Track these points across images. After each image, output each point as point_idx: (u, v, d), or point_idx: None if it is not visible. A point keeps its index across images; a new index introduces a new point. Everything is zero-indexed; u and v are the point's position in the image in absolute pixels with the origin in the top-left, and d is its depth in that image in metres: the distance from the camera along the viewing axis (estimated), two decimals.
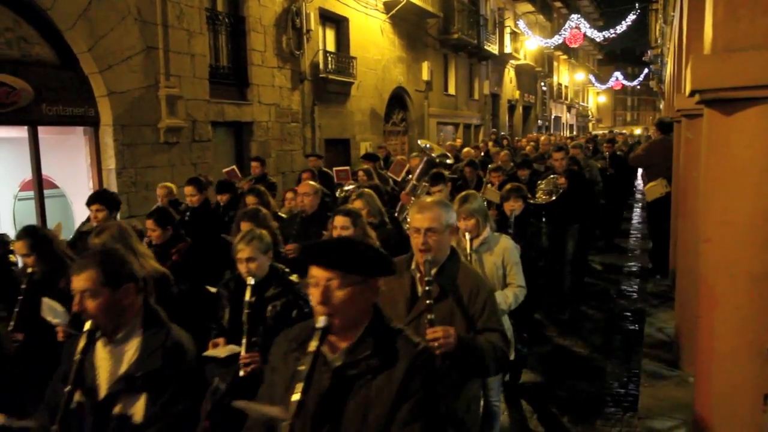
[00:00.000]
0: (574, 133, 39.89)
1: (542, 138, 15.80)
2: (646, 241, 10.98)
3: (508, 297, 3.70)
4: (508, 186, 5.40)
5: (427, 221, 2.57)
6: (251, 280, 3.14)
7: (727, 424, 2.71)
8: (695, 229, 4.00)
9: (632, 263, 9.82)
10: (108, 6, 7.84)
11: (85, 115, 7.85)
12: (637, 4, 27.62)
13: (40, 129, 7.50)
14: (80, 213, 8.07)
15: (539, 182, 6.87)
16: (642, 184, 13.82)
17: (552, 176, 6.77)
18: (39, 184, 7.54)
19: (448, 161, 7.27)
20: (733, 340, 2.66)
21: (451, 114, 21.66)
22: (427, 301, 2.45)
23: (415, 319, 2.50)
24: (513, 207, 5.06)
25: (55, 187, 8.38)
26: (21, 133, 7.41)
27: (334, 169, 8.60)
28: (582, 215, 6.99)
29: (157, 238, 4.54)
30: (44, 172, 7.66)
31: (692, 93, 2.73)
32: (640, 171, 14.57)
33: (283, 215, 5.88)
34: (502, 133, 24.84)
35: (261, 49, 11.16)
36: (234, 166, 8.57)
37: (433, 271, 2.56)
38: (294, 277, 3.36)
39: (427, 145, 6.86)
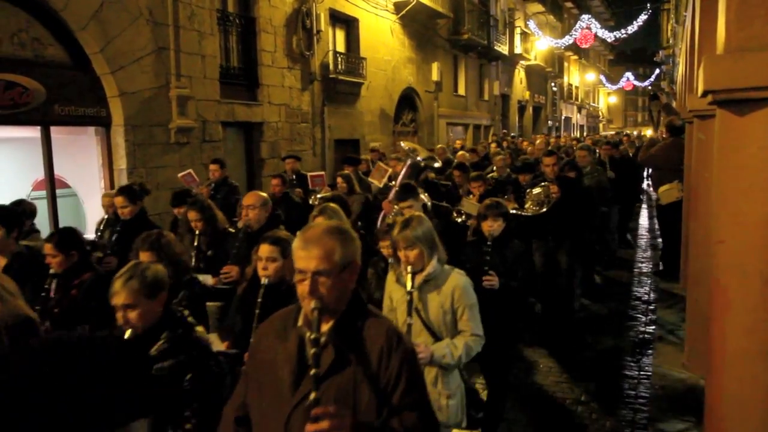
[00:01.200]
0: (585, 134, 39.69)
1: (538, 140, 14.49)
2: (655, 242, 10.91)
3: (456, 349, 3.02)
4: (486, 201, 4.53)
5: (313, 261, 1.85)
6: (128, 333, 2.43)
7: (739, 427, 2.69)
8: (707, 231, 3.97)
9: (642, 264, 9.76)
10: (120, 7, 7.89)
11: (97, 116, 7.91)
12: (648, 5, 27.47)
13: (53, 129, 7.56)
14: (92, 212, 8.15)
15: (529, 191, 6.28)
16: (651, 188, 13.67)
17: (543, 184, 6.20)
18: (51, 184, 7.60)
19: (436, 164, 6.73)
20: (745, 342, 2.64)
21: (461, 114, 21.62)
22: (313, 371, 1.73)
23: (305, 398, 1.76)
24: (491, 227, 4.26)
25: (67, 186, 8.45)
26: (34, 133, 7.48)
27: (309, 174, 7.86)
28: (576, 229, 6.30)
29: (58, 266, 3.70)
30: (56, 171, 7.73)
31: (705, 93, 2.70)
32: (646, 172, 14.52)
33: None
34: (504, 131, 24.79)
35: (271, 50, 11.20)
36: (190, 170, 7.57)
37: (326, 327, 1.87)
38: (200, 329, 2.77)
39: (412, 148, 6.31)
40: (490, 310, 3.52)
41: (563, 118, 38.88)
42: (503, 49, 24.34)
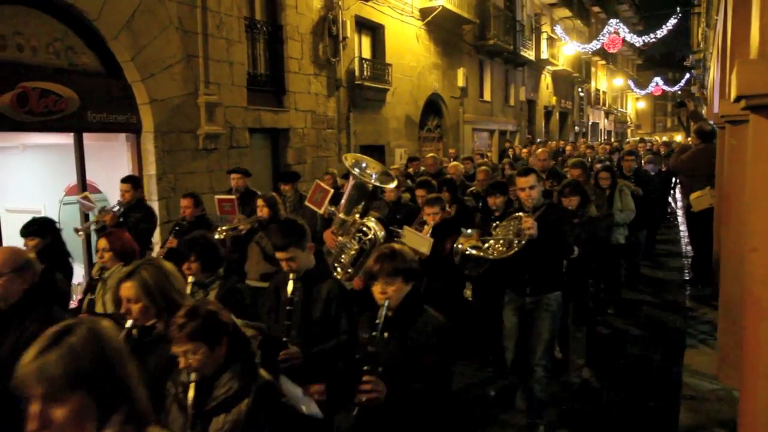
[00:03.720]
0: (612, 139, 39.18)
1: (539, 151, 11.08)
2: (685, 249, 10.72)
3: None
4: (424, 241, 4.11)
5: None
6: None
7: None
8: (740, 238, 3.89)
9: (672, 272, 9.59)
10: (150, 16, 8.05)
11: (128, 122, 8.07)
12: (678, 8, 27.05)
13: (85, 135, 7.73)
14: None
15: (495, 224, 4.49)
16: (681, 198, 13.39)
17: (516, 215, 4.30)
18: (83, 189, 7.75)
19: (391, 185, 5.05)
20: None
21: (487, 120, 21.54)
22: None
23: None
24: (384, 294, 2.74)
25: (98, 192, 8.62)
26: (67, 139, 7.66)
27: (216, 198, 6.31)
28: (563, 280, 4.64)
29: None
30: (88, 177, 7.89)
31: (738, 99, 2.66)
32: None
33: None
34: (529, 137, 24.52)
35: (298, 57, 11.31)
36: (86, 193, 6.61)
37: None
38: None
39: (356, 161, 4.72)
40: None
41: (590, 123, 38.45)
42: (529, 54, 24.19)
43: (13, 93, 6.61)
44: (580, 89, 34.85)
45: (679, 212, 15.54)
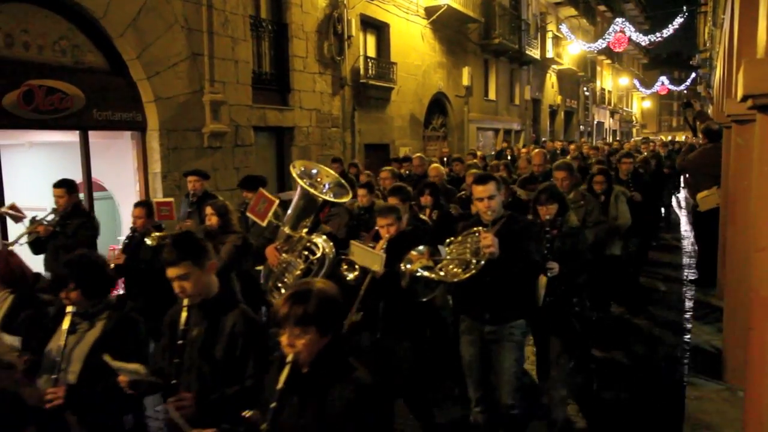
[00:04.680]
0: (614, 138, 39.04)
1: (525, 150, 11.28)
2: (691, 249, 10.68)
3: None
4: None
5: None
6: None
7: None
8: (747, 238, 3.88)
9: (677, 272, 9.56)
10: (156, 15, 8.07)
11: (133, 120, 8.09)
12: (684, 7, 26.96)
13: (91, 133, 7.76)
14: (127, 215, 8.31)
15: (449, 240, 3.73)
16: (688, 195, 13.25)
17: (474, 230, 3.57)
18: (89, 187, 7.79)
19: (343, 199, 4.35)
20: None
21: (492, 119, 21.51)
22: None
23: None
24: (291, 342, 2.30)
25: (103, 189, 8.66)
26: (73, 137, 7.69)
27: (154, 201, 6.06)
28: (531, 304, 3.97)
29: None
30: (94, 175, 7.92)
31: (744, 98, 2.65)
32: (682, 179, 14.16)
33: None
34: (533, 136, 24.43)
35: (303, 55, 11.31)
36: (13, 203, 6.01)
37: None
38: None
39: (306, 170, 4.17)
40: None
41: (596, 123, 38.35)
42: (535, 53, 24.15)
43: (19, 91, 6.64)
44: (585, 88, 34.75)
45: (682, 214, 15.49)
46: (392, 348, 4.11)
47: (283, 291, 3.80)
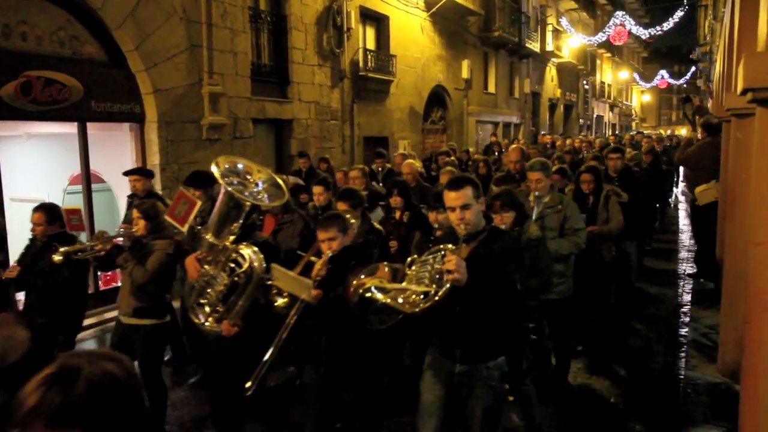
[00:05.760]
0: (612, 132, 38.96)
1: (512, 148, 8.30)
2: (689, 243, 10.70)
3: None
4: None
5: None
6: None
7: None
8: (744, 232, 3.88)
9: (675, 266, 9.58)
10: (154, 6, 8.03)
11: (131, 112, 8.07)
12: (685, 0, 26.86)
13: (89, 125, 7.72)
14: (125, 207, 8.32)
15: (410, 259, 3.00)
16: (686, 189, 13.14)
17: (439, 248, 2.87)
18: (87, 179, 7.77)
19: (277, 202, 3.68)
20: None
21: (491, 112, 21.48)
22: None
23: None
24: None
25: (102, 181, 8.64)
26: (71, 128, 7.66)
27: (63, 208, 5.09)
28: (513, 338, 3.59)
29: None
30: (92, 166, 7.90)
31: (744, 91, 2.65)
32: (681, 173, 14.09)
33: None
34: (533, 129, 24.27)
35: (302, 47, 11.27)
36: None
37: None
38: None
39: (233, 168, 3.48)
40: None
41: (595, 116, 38.30)
42: (534, 46, 24.08)
43: (17, 82, 6.61)
44: (585, 82, 34.69)
45: (681, 207, 15.50)
46: (335, 391, 3.49)
47: (206, 309, 3.36)
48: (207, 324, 3.35)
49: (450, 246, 2.80)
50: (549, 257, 4.23)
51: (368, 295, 2.88)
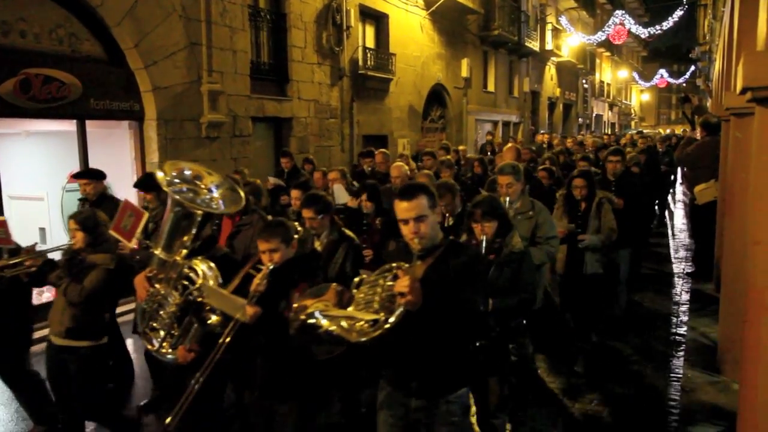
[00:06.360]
0: (617, 130, 38.97)
1: (507, 148, 8.48)
2: (687, 242, 10.70)
3: None
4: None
5: None
6: None
7: None
8: (744, 231, 3.88)
9: (674, 265, 9.58)
10: (154, 3, 8.02)
11: (131, 110, 8.05)
12: (684, 0, 26.86)
13: (88, 123, 7.72)
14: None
15: (358, 279, 2.62)
16: (685, 188, 13.08)
17: (390, 267, 2.49)
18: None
19: (233, 208, 3.44)
20: None
21: (490, 111, 21.48)
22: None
23: None
24: None
25: None
26: (70, 126, 7.65)
27: None
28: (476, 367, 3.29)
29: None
30: (91, 164, 7.88)
31: (743, 90, 2.65)
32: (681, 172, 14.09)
33: None
34: (532, 128, 24.23)
35: (301, 46, 11.26)
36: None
37: None
38: None
39: (181, 175, 3.20)
40: None
41: (594, 115, 38.32)
42: (534, 45, 24.07)
43: (15, 79, 6.59)
44: (584, 81, 34.69)
45: (678, 207, 15.51)
46: (272, 409, 3.18)
47: (161, 333, 3.07)
48: (162, 350, 3.05)
49: (403, 264, 2.41)
50: (533, 272, 3.84)
51: (311, 321, 2.53)
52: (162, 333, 3.05)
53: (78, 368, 3.88)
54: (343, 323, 2.41)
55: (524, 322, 3.89)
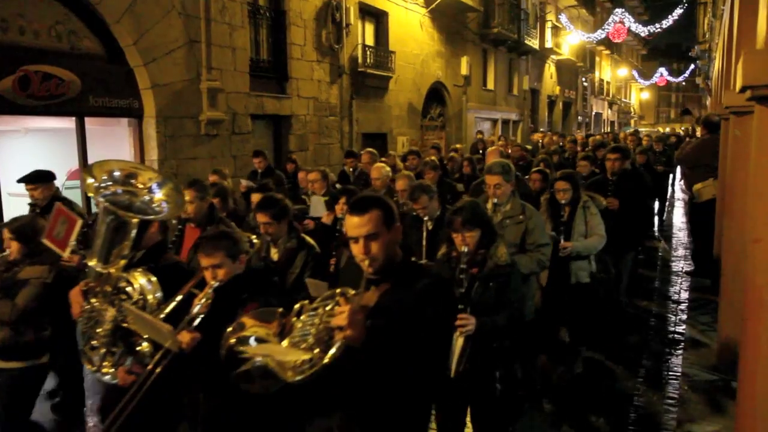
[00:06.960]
0: (617, 129, 38.95)
1: (491, 150, 7.72)
2: (686, 240, 10.71)
3: None
4: None
5: None
6: None
7: None
8: (743, 230, 3.89)
9: (673, 263, 9.59)
10: (153, 1, 8.01)
11: (130, 107, 8.05)
12: None
13: (87, 120, 7.71)
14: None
15: (301, 306, 2.17)
16: (684, 187, 13.04)
17: (338, 291, 2.10)
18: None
19: (173, 212, 2.95)
20: None
21: (490, 109, 21.47)
22: None
23: None
24: None
25: None
26: (69, 123, 7.64)
27: None
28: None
29: None
30: (90, 162, 7.88)
31: (743, 89, 2.65)
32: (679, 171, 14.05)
33: None
34: (531, 126, 24.22)
35: (301, 43, 11.25)
36: None
37: None
38: None
39: (112, 176, 2.77)
40: None
41: (593, 113, 38.32)
42: (533, 43, 24.06)
43: (14, 76, 6.59)
44: (584, 79, 34.68)
45: (677, 205, 15.51)
46: None
47: (101, 351, 2.71)
48: (104, 369, 2.72)
49: (348, 290, 2.04)
50: (520, 287, 3.46)
51: (242, 349, 2.17)
52: (102, 351, 2.71)
53: (5, 393, 3.54)
54: (279, 358, 2.02)
55: (508, 343, 3.28)
